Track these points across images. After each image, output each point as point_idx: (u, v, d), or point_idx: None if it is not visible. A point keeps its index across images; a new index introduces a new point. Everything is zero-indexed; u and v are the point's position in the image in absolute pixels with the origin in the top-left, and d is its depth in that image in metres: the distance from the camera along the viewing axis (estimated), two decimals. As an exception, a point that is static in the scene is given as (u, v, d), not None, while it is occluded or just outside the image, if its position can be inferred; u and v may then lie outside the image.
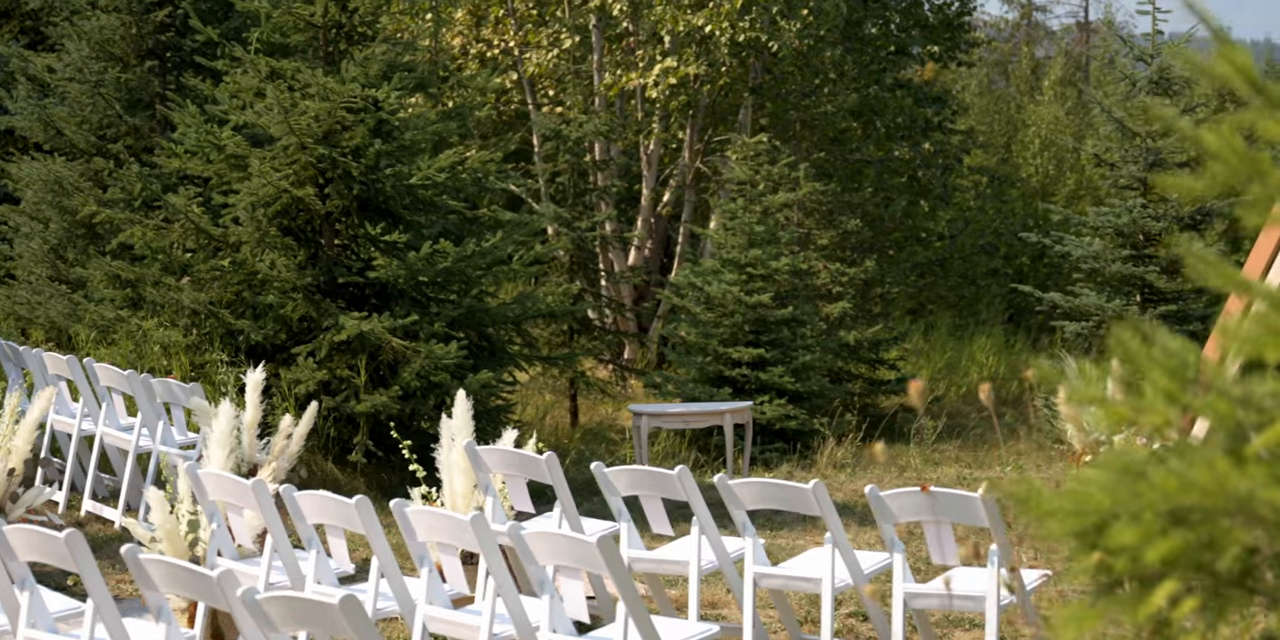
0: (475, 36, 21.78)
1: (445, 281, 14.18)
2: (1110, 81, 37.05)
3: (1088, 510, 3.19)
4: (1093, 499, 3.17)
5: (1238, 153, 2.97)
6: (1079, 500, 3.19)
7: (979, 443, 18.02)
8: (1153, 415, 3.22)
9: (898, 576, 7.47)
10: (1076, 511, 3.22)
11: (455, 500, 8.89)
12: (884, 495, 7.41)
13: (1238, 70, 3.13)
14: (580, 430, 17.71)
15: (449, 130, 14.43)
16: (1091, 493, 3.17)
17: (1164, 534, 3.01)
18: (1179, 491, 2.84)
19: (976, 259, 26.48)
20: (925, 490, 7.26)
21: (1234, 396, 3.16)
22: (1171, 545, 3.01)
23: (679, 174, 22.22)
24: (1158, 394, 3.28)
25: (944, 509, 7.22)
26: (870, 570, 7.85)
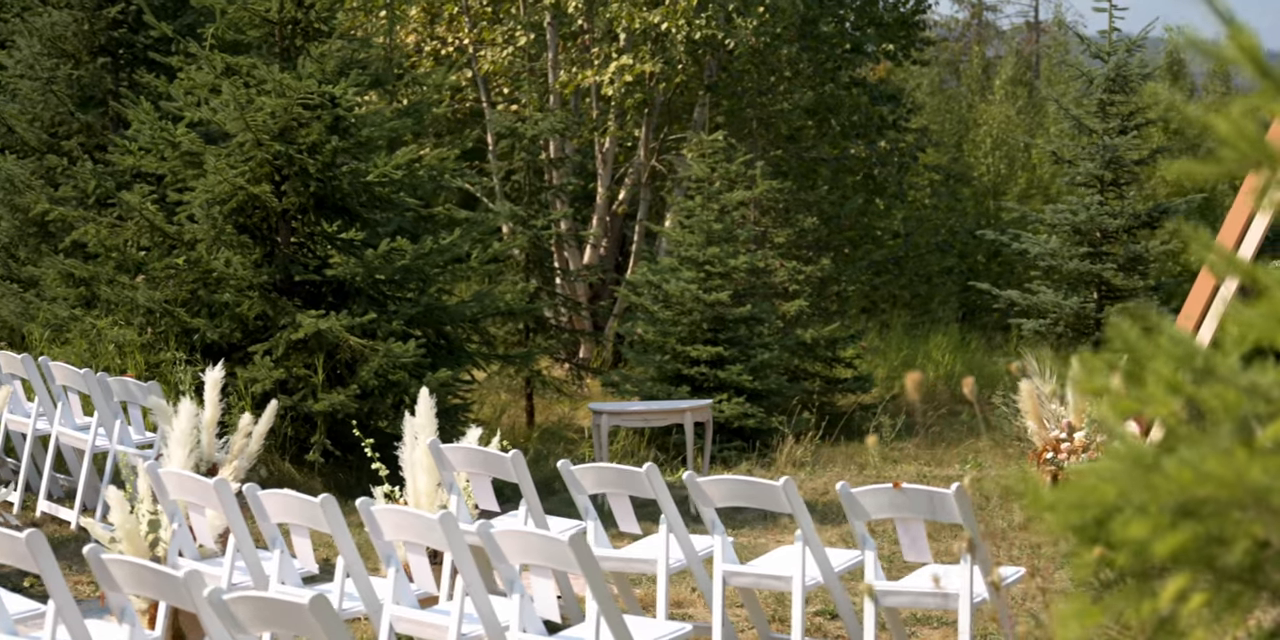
0: (429, 34, 21.66)
1: (403, 279, 14.07)
2: (1062, 80, 37.13)
3: (1091, 503, 3.13)
4: (1097, 492, 3.10)
5: (1248, 138, 2.90)
6: (1083, 493, 3.12)
7: (937, 440, 17.99)
8: (1158, 406, 3.16)
9: (869, 574, 7.40)
10: (1079, 505, 3.15)
11: (419, 499, 8.78)
12: (855, 492, 7.34)
13: (1245, 52, 3.07)
14: (537, 429, 17.61)
15: (406, 127, 14.31)
16: (1097, 485, 3.11)
17: (1174, 527, 2.95)
18: (1194, 483, 2.78)
19: (930, 257, 26.51)
20: (897, 487, 7.20)
21: (1241, 386, 3.10)
22: (1181, 539, 2.94)
23: (634, 172, 22.14)
24: (1160, 384, 3.21)
25: (916, 506, 7.15)
26: (841, 568, 7.78)
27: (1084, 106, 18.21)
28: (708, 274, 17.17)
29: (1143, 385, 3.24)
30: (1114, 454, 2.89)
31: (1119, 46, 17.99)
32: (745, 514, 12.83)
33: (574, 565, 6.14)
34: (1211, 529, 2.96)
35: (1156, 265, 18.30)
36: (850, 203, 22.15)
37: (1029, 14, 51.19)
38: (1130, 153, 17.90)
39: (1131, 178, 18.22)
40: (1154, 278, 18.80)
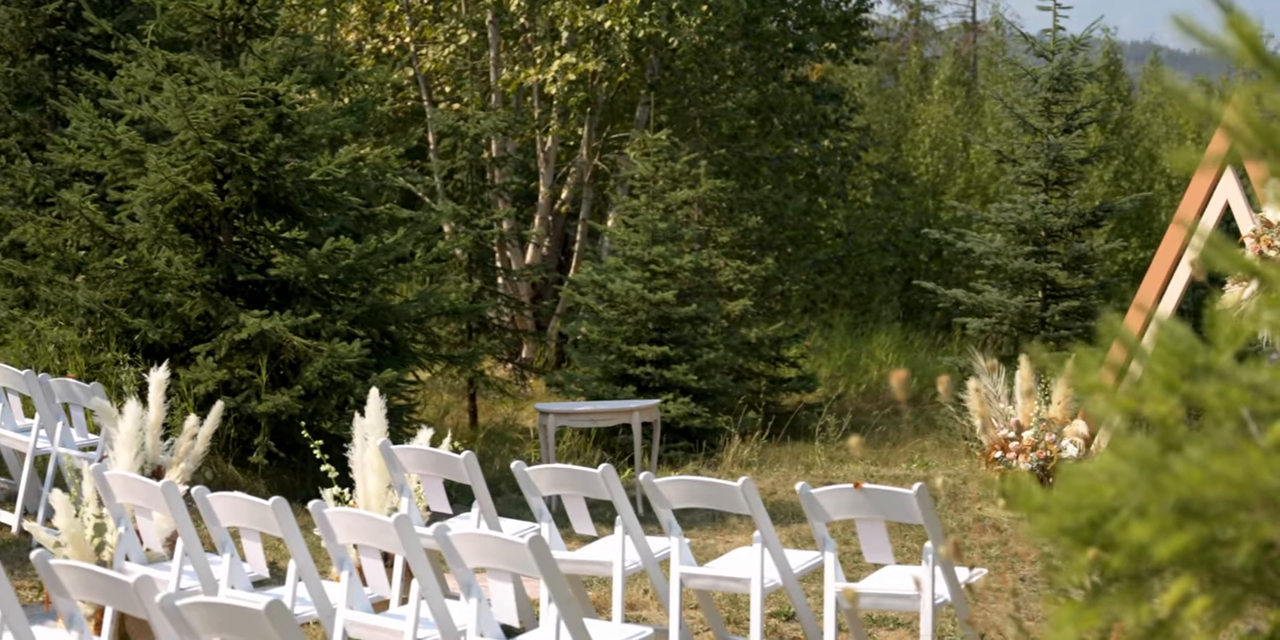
0: (370, 32, 21.49)
1: (347, 279, 13.92)
2: (1001, 80, 37.20)
3: (1088, 505, 3.05)
4: (1095, 492, 3.02)
5: (1254, 126, 2.82)
6: (1080, 494, 3.04)
7: (882, 440, 17.95)
8: (1155, 404, 3.08)
9: (829, 575, 7.31)
10: (1075, 506, 3.07)
11: (369, 500, 8.65)
12: (815, 493, 7.25)
13: (1245, 41, 2.99)
14: (482, 430, 17.48)
15: (349, 125, 14.16)
16: (1095, 486, 3.03)
17: (1179, 529, 2.87)
18: (1204, 484, 2.69)
19: (871, 257, 26.51)
20: (858, 487, 7.11)
21: (1243, 384, 3.02)
22: (1185, 541, 2.86)
23: (577, 171, 22.04)
24: (1156, 382, 3.13)
25: (877, 506, 7.07)
26: (800, 569, 7.69)
27: (1028, 106, 18.19)
28: (653, 273, 17.08)
29: (1138, 382, 3.16)
30: (1119, 454, 2.80)
31: (1063, 46, 17.97)
32: (694, 514, 12.74)
33: (533, 568, 6.03)
34: (1217, 531, 2.89)
35: (1100, 264, 18.30)
36: (793, 202, 22.10)
37: (966, 14, 51.35)
38: (1074, 151, 17.88)
39: (1076, 176, 18.22)
40: (1098, 276, 18.81)
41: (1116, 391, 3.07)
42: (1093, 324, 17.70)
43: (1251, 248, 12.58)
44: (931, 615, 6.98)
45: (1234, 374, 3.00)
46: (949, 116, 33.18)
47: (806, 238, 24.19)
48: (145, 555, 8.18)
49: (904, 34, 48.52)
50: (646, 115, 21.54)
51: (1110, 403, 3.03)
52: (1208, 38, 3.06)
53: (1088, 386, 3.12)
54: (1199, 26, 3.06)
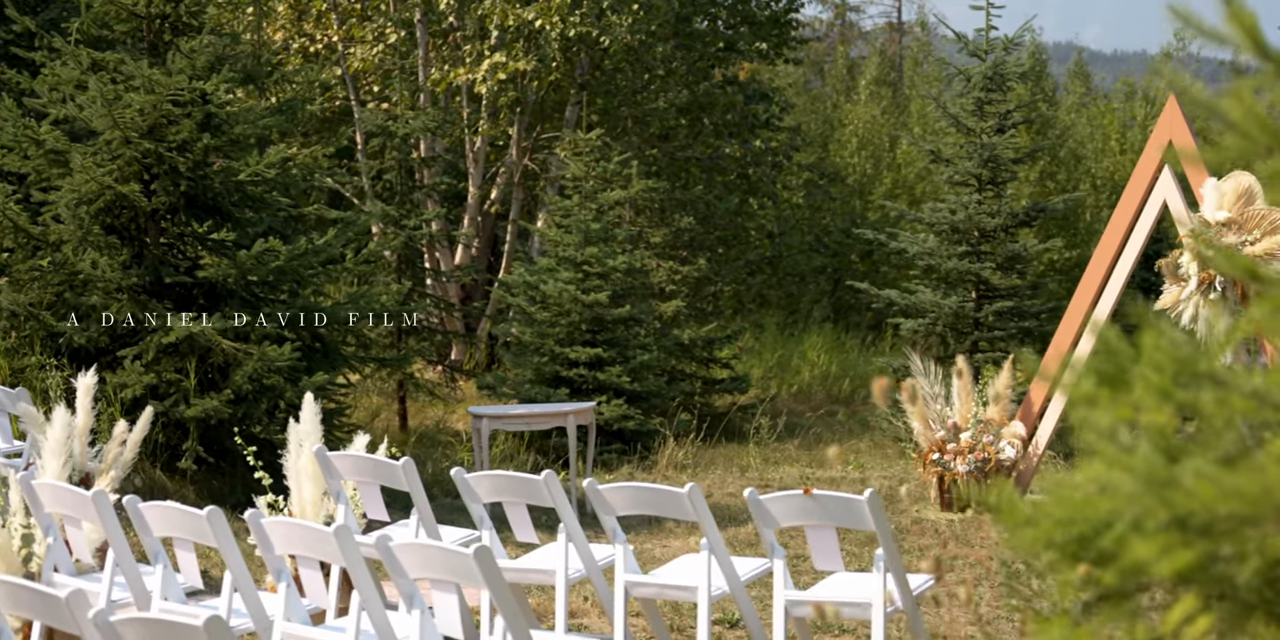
0: (298, 31, 21.23)
1: (276, 281, 13.70)
2: (925, 80, 37.25)
3: (1081, 519, 2.91)
4: (1090, 506, 2.89)
5: (1259, 122, 2.69)
6: (1074, 508, 2.91)
7: (815, 441, 17.86)
8: (1151, 414, 2.95)
9: (779, 583, 7.16)
10: (1068, 520, 2.93)
11: (305, 508, 8.46)
12: (764, 499, 7.11)
13: (1246, 31, 2.86)
14: (413, 434, 17.27)
15: (279, 124, 13.94)
16: (1090, 499, 2.89)
17: (1184, 545, 2.73)
18: (1217, 499, 2.56)
19: (800, 257, 26.44)
20: (808, 493, 6.97)
21: (1246, 392, 2.89)
22: (1190, 557, 2.73)
23: (507, 171, 21.86)
24: (1150, 390, 3.00)
25: (827, 512, 6.93)
26: (747, 577, 7.54)
27: (961, 105, 18.12)
28: (586, 274, 16.93)
29: (1129, 390, 3.04)
30: (1121, 467, 2.67)
31: (996, 45, 17.91)
32: (629, 518, 12.59)
33: (477, 579, 5.86)
34: (1225, 547, 2.76)
35: (1031, 264, 18.25)
36: (725, 202, 21.99)
37: (892, 15, 51.46)
38: (1007, 151, 17.83)
39: (1009, 176, 18.16)
40: (1031, 276, 18.76)
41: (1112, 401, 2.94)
42: (1027, 324, 17.65)
43: (1189, 248, 12.52)
44: (883, 624, 6.84)
45: (1235, 381, 2.88)
46: (876, 117, 33.18)
47: (737, 238, 24.08)
48: (75, 566, 7.96)
49: (830, 34, 48.56)
50: (576, 115, 21.39)
51: (1105, 413, 2.90)
52: (1205, 29, 2.94)
53: (1080, 396, 2.98)
54: (1195, 17, 2.94)
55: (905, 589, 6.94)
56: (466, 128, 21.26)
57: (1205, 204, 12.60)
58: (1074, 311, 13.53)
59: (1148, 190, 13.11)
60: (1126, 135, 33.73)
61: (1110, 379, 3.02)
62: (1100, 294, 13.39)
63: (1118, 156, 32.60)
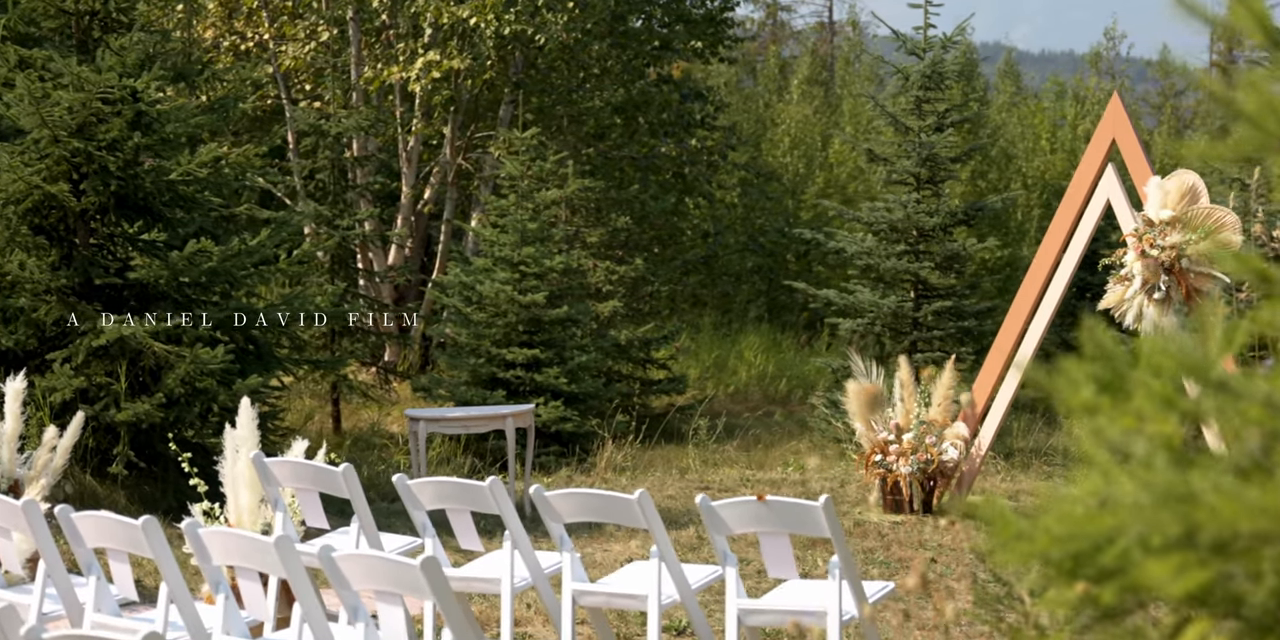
0: (228, 29, 20.95)
1: (209, 282, 13.46)
2: (856, 79, 37.22)
3: (1084, 535, 2.75)
4: (1093, 522, 2.73)
5: (1277, 115, 2.54)
6: (1077, 524, 2.75)
7: (754, 443, 17.73)
8: (1155, 424, 2.80)
9: (731, 592, 7.00)
10: (1069, 537, 2.78)
11: (241, 516, 8.24)
12: (716, 506, 6.94)
13: (1256, 20, 2.71)
14: (348, 436, 17.04)
15: (212, 123, 13.70)
16: (1093, 515, 2.74)
17: (1200, 564, 2.58)
18: (1240, 516, 2.40)
19: (733, 258, 26.33)
20: (761, 499, 6.80)
21: (1262, 400, 2.74)
22: (1205, 577, 2.58)
23: (440, 170, 21.64)
24: (1151, 399, 2.85)
25: (781, 519, 6.77)
26: (698, 585, 7.37)
27: (900, 104, 18.02)
28: (523, 274, 16.74)
29: (1128, 398, 2.88)
30: (1138, 481, 2.51)
31: (934, 44, 17.81)
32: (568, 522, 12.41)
33: (425, 591, 5.67)
34: (1239, 566, 2.61)
35: (968, 263, 18.18)
36: (662, 202, 21.84)
37: (823, 14, 51.45)
38: (946, 150, 17.73)
39: (947, 175, 18.07)
40: (970, 276, 18.67)
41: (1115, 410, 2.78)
42: (965, 324, 17.56)
43: (1133, 247, 12.43)
44: (839, 633, 6.69)
45: (1246, 388, 2.73)
46: (808, 116, 33.11)
47: (673, 238, 23.94)
48: (4, 578, 7.72)
49: (761, 33, 48.51)
50: (511, 114, 21.19)
51: (1111, 423, 2.74)
52: (1210, 17, 2.79)
53: (1080, 404, 2.82)
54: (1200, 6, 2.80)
55: (861, 597, 6.79)
56: (400, 127, 21.03)
57: (1149, 203, 12.51)
58: (1016, 312, 13.43)
59: (1090, 190, 13.02)
60: (1057, 134, 33.80)
61: (1109, 386, 2.87)
62: (1043, 295, 13.29)
63: (1048, 156, 32.66)
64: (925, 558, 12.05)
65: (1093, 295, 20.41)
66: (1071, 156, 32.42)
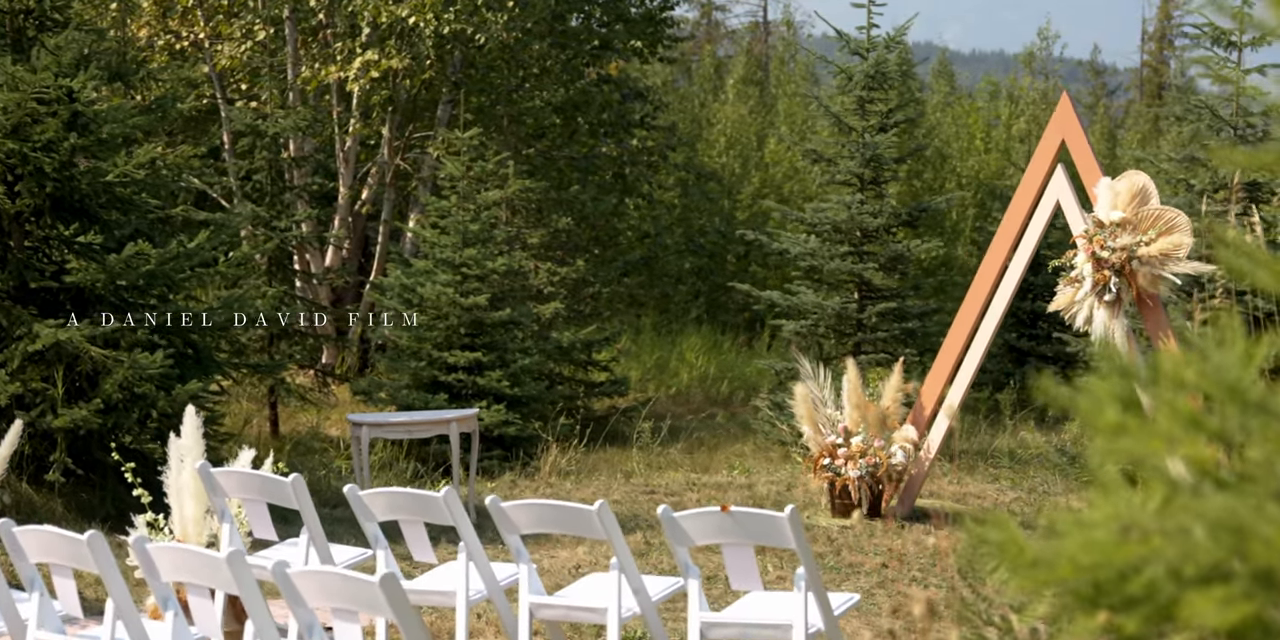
0: (163, 28, 20.66)
1: (147, 285, 13.22)
2: (792, 80, 37.16)
3: (1107, 563, 2.62)
4: (1121, 550, 2.59)
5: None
6: (1104, 552, 2.61)
7: (698, 445, 17.59)
8: (1193, 447, 2.66)
9: (693, 604, 6.84)
10: (1095, 565, 2.64)
11: (187, 527, 8.03)
12: (678, 517, 6.78)
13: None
14: (288, 441, 16.80)
15: (150, 124, 13.45)
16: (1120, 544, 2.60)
17: (1247, 597, 2.44)
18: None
19: (672, 259, 26.20)
20: (725, 510, 6.65)
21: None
22: (1250, 609, 2.44)
23: (378, 171, 21.41)
24: (1175, 419, 2.71)
25: (745, 530, 6.61)
26: (659, 597, 7.21)
27: (843, 104, 17.91)
28: (464, 276, 16.54)
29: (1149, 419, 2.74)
30: (1191, 512, 2.36)
31: (877, 43, 17.71)
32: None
33: (384, 608, 5.49)
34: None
35: (911, 264, 18.09)
36: (602, 203, 21.67)
37: (758, 14, 51.41)
38: (889, 151, 17.63)
39: (891, 176, 17.98)
40: (916, 277, 18.57)
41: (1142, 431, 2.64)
42: (909, 325, 17.47)
43: (1084, 248, 12.36)
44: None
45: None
46: (743, 116, 33.03)
47: (612, 239, 23.78)
48: (-58, 593, 7.49)
49: (696, 33, 48.40)
50: (449, 113, 20.98)
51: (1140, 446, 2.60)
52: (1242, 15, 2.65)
53: (1107, 426, 2.68)
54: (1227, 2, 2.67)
55: (827, 610, 6.64)
56: (337, 127, 20.79)
57: (1099, 204, 12.44)
58: (965, 314, 13.32)
59: (1039, 191, 12.93)
60: (991, 134, 33.84)
61: (1131, 405, 2.73)
62: (992, 296, 13.19)
63: (983, 155, 32.68)
64: (876, 563, 11.94)
65: (1034, 296, 20.37)
66: (1006, 156, 32.46)
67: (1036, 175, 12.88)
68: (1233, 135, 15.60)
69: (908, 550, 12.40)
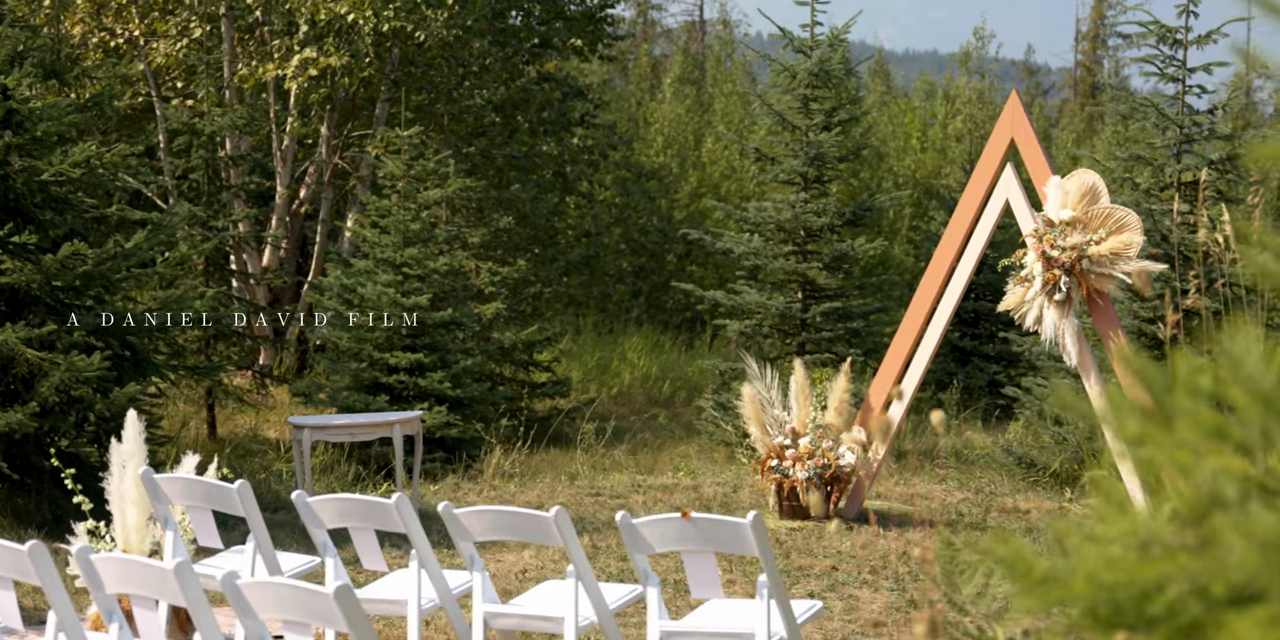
0: (97, 25, 20.36)
1: (84, 286, 12.97)
2: (728, 78, 37.07)
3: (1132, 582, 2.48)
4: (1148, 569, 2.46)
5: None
6: (1128, 571, 2.47)
7: (642, 446, 17.44)
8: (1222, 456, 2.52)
9: (653, 612, 6.68)
10: (1117, 584, 2.50)
11: (129, 535, 7.83)
12: (638, 523, 6.61)
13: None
14: (227, 444, 16.56)
15: (87, 122, 13.20)
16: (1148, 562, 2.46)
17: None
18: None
19: (611, 258, 26.06)
20: (686, 516, 6.49)
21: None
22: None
23: (316, 170, 21.17)
24: (1198, 428, 2.57)
25: (707, 537, 6.46)
26: (616, 605, 7.04)
27: (787, 102, 17.78)
28: (406, 276, 16.34)
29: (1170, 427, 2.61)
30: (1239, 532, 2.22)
31: (821, 41, 17.59)
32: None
33: (338, 620, 5.31)
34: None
35: (860, 263, 17.99)
36: (544, 201, 21.49)
37: (694, 13, 51.33)
38: (833, 150, 17.52)
39: (835, 175, 17.87)
40: (858, 277, 18.47)
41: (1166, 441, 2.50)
42: (854, 325, 17.37)
43: (1034, 247, 12.27)
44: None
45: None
46: (680, 115, 32.92)
47: (554, 238, 23.61)
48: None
49: (633, 32, 48.27)
50: (386, 112, 20.76)
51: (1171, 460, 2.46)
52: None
53: (1132, 435, 2.54)
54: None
55: (790, 618, 6.49)
56: (275, 125, 20.55)
57: (1049, 203, 12.36)
58: (913, 314, 13.21)
59: (988, 190, 12.83)
60: (927, 133, 33.86)
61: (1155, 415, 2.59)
62: (941, 296, 13.09)
63: (919, 155, 32.69)
64: (826, 565, 11.82)
65: (976, 296, 20.30)
66: (942, 155, 32.48)
67: (985, 174, 12.79)
68: (1179, 133, 15.56)
69: (857, 553, 12.28)
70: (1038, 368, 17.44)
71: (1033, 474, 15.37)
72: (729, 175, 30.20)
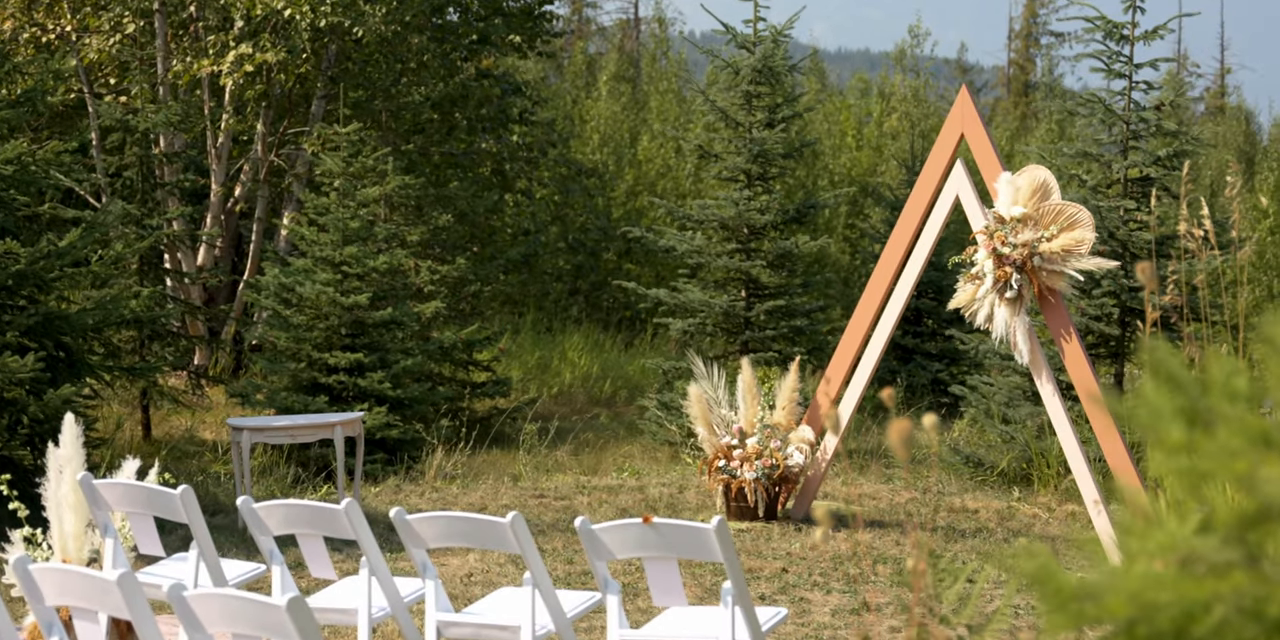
0: (28, 20, 20.01)
1: (16, 286, 12.68)
2: (663, 76, 36.91)
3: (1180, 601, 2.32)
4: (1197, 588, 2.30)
5: None
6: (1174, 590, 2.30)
7: (584, 447, 17.24)
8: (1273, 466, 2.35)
9: (613, 621, 6.47)
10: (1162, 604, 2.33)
11: (67, 543, 7.57)
12: (598, 529, 6.41)
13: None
14: (163, 446, 16.27)
15: (17, 118, 12.91)
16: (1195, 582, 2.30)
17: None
18: None
19: (549, 257, 25.87)
20: (647, 522, 6.29)
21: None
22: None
23: (251, 167, 20.87)
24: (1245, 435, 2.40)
25: (669, 543, 6.26)
26: (574, 612, 6.84)
27: (729, 99, 17.61)
28: (345, 275, 16.09)
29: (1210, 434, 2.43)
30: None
31: (764, 38, 17.43)
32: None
33: (290, 633, 5.09)
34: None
35: (804, 262, 17.83)
36: (482, 199, 21.25)
37: (629, 11, 51.19)
38: (776, 147, 17.36)
39: (779, 172, 17.71)
40: (802, 275, 18.31)
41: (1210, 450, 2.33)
42: (797, 323, 17.21)
43: (984, 244, 12.12)
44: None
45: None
46: (616, 113, 32.76)
47: (492, 236, 23.37)
48: None
49: (568, 29, 48.06)
50: (323, 109, 20.48)
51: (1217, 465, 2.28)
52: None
53: (1173, 444, 2.36)
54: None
55: (755, 625, 6.30)
56: (210, 122, 20.24)
57: (1000, 200, 12.22)
58: (861, 313, 13.06)
59: (938, 187, 12.69)
60: (863, 131, 33.79)
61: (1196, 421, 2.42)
62: (890, 294, 12.94)
63: (854, 152, 32.62)
64: (776, 568, 11.65)
65: (919, 293, 20.18)
66: (877, 153, 32.41)
67: (935, 170, 12.64)
68: (1125, 130, 15.46)
69: (807, 554, 12.12)
70: (982, 365, 17.32)
71: (980, 473, 15.25)
72: (665, 173, 30.04)
